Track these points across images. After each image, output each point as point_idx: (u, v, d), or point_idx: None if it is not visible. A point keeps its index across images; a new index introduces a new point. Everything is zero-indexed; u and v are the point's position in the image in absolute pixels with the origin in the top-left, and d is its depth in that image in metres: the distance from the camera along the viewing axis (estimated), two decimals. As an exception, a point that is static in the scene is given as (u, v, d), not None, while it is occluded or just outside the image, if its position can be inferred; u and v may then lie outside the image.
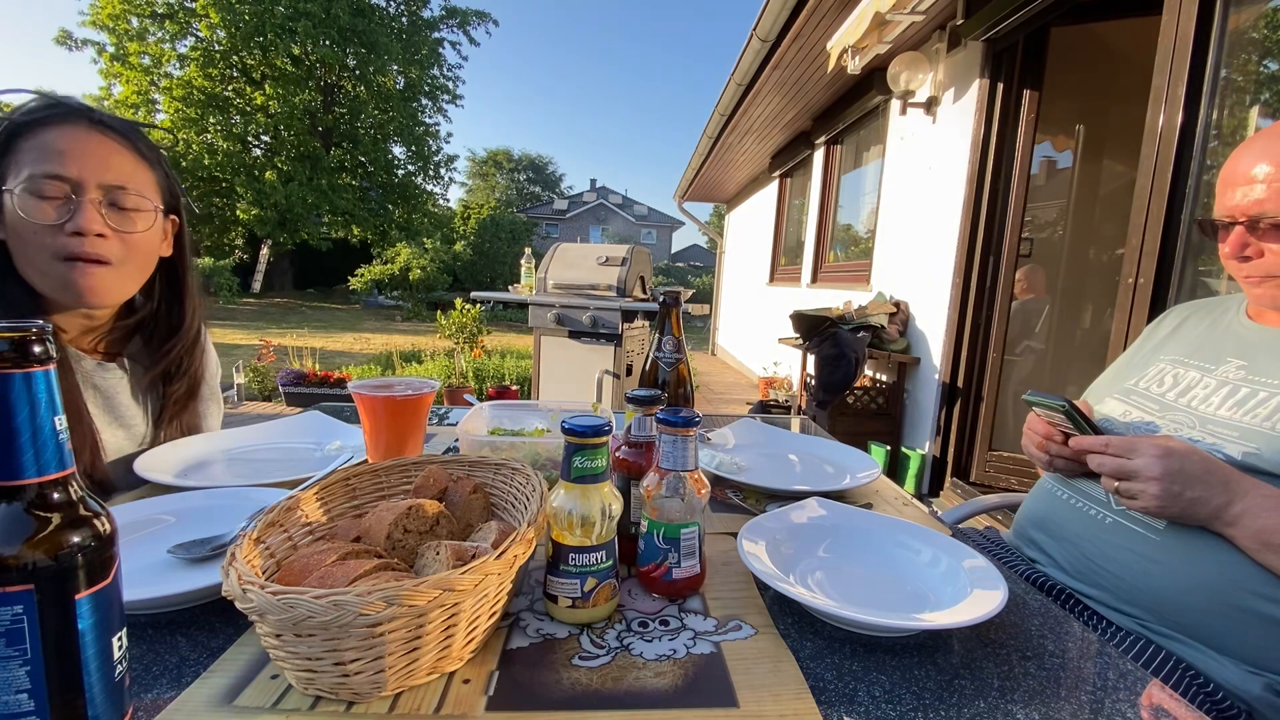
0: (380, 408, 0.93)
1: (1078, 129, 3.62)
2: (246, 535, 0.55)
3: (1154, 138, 2.00)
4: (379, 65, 17.28)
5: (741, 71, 4.53)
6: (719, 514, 0.92)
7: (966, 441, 3.23)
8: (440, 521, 0.66)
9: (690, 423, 0.66)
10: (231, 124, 16.26)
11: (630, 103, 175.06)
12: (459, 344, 5.66)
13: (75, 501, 0.40)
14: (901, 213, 3.90)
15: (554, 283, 3.51)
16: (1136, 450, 0.80)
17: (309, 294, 19.65)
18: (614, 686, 0.53)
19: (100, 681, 0.40)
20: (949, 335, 3.25)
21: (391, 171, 19.08)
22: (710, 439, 1.25)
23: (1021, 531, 1.08)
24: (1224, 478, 0.77)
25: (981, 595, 0.64)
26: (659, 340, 0.99)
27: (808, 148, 5.77)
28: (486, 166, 48.02)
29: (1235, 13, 1.87)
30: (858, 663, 0.57)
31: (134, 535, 0.75)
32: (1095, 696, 0.55)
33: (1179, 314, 1.09)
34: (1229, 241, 0.88)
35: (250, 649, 0.56)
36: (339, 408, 1.42)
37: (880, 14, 2.79)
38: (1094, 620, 0.88)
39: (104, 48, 15.33)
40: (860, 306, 3.81)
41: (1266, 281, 0.87)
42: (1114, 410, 1.01)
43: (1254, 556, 0.75)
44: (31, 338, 0.37)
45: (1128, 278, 2.09)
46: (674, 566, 0.67)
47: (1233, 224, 0.88)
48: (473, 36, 20.98)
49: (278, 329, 10.53)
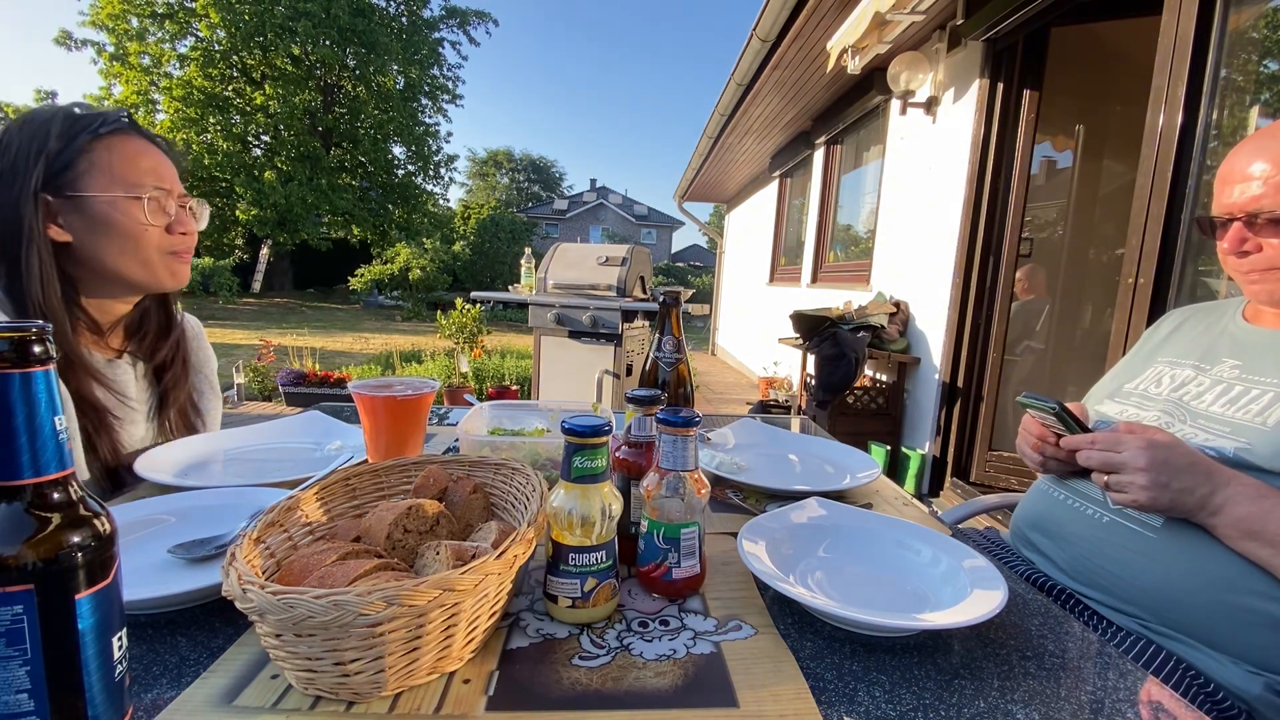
0: (380, 408, 0.93)
1: (1078, 129, 3.62)
2: (246, 535, 0.55)
3: (1154, 138, 2.00)
4: (379, 65, 17.27)
5: (741, 71, 4.53)
6: (719, 514, 0.92)
7: (966, 441, 3.23)
8: (440, 521, 0.66)
9: (690, 423, 0.66)
10: (231, 124, 16.25)
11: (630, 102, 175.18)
12: (459, 344, 5.66)
13: (75, 501, 0.40)
14: (901, 213, 3.90)
15: (554, 283, 3.51)
16: (1122, 444, 0.82)
17: (309, 294, 19.64)
18: (614, 686, 0.53)
19: (100, 681, 0.40)
20: (949, 335, 3.25)
21: (391, 171, 19.07)
22: (710, 439, 1.25)
23: (1019, 533, 1.08)
24: (1207, 469, 0.78)
25: (981, 595, 0.64)
26: (659, 340, 0.99)
27: (808, 148, 5.77)
28: (487, 166, 48.03)
29: (1235, 13, 1.87)
30: (858, 663, 0.57)
31: (134, 535, 0.75)
32: (1095, 696, 0.55)
33: (1177, 317, 1.09)
34: (1227, 238, 0.89)
35: (250, 649, 0.56)
36: (339, 408, 1.42)
37: (880, 14, 2.79)
38: (1094, 620, 0.88)
39: (104, 48, 15.33)
40: (860, 306, 3.81)
41: (1266, 277, 0.87)
42: (1111, 411, 1.01)
43: (1235, 546, 0.76)
44: (31, 338, 0.37)
45: (1128, 278, 2.09)
46: (674, 566, 0.67)
47: (1231, 220, 0.88)
48: (473, 36, 21.01)
49: (278, 329, 10.52)
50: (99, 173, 0.96)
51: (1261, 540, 0.73)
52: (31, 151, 0.92)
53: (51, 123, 0.94)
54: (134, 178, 0.98)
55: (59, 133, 0.94)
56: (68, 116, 0.96)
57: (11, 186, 0.92)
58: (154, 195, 1.00)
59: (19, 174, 0.92)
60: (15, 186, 0.91)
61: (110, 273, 1.00)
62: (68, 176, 0.94)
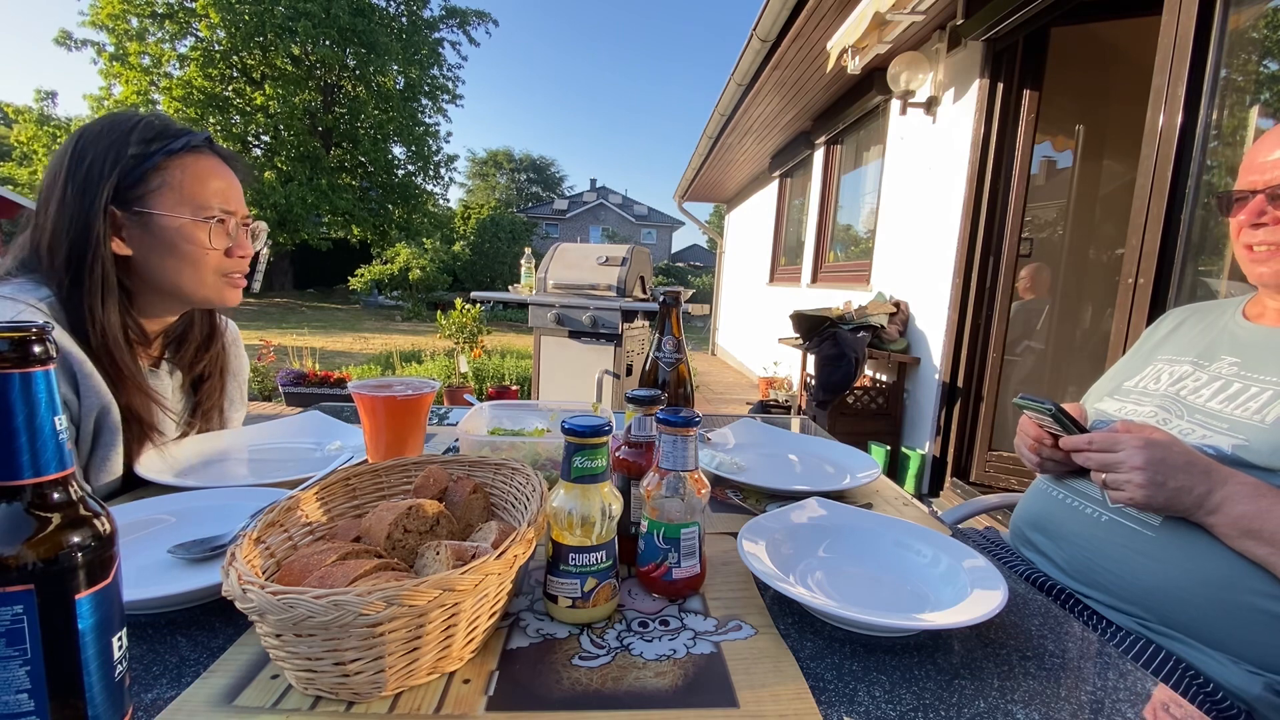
0: (380, 408, 0.93)
1: (1078, 129, 3.62)
2: (246, 535, 0.55)
3: (1154, 138, 2.00)
4: (379, 65, 17.27)
5: (741, 71, 4.53)
6: (719, 514, 0.92)
7: (966, 441, 3.23)
8: (440, 521, 0.66)
9: (690, 423, 0.66)
10: (231, 124, 16.26)
11: (630, 102, 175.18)
12: (459, 344, 5.66)
13: (75, 501, 0.40)
14: (901, 213, 3.90)
15: (554, 283, 3.51)
16: (1119, 443, 0.82)
17: (309, 294, 19.64)
18: (614, 686, 0.53)
19: (100, 681, 0.40)
20: (949, 335, 3.25)
21: (391, 171, 19.07)
22: (710, 439, 1.25)
23: (1018, 532, 1.08)
24: (1205, 467, 0.78)
25: (981, 595, 0.64)
26: (659, 340, 0.99)
27: (808, 148, 5.76)
28: (487, 167, 48.02)
29: (1235, 13, 1.87)
30: (858, 663, 0.57)
31: (134, 535, 0.75)
32: (1095, 696, 0.55)
33: (1176, 316, 1.10)
34: (1246, 210, 0.88)
35: (250, 649, 0.56)
36: (339, 408, 1.42)
37: (880, 14, 2.79)
38: (1094, 620, 0.88)
39: (104, 48, 15.35)
40: (860, 306, 3.81)
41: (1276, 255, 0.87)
42: (1110, 409, 1.02)
43: (1233, 545, 0.76)
44: (31, 338, 0.37)
45: (1128, 278, 2.09)
46: (674, 566, 0.67)
47: (1253, 193, 0.88)
48: (473, 36, 21.02)
49: (278, 329, 10.52)
50: (169, 191, 0.94)
51: (1260, 539, 0.73)
52: (108, 162, 0.91)
53: (130, 135, 0.92)
54: (203, 199, 0.97)
55: (137, 147, 0.92)
56: (147, 127, 0.94)
57: (84, 197, 0.90)
58: (220, 218, 0.99)
59: (92, 184, 0.90)
60: (88, 197, 0.90)
61: (165, 289, 0.99)
62: (138, 192, 0.93)
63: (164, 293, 1.00)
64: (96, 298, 0.91)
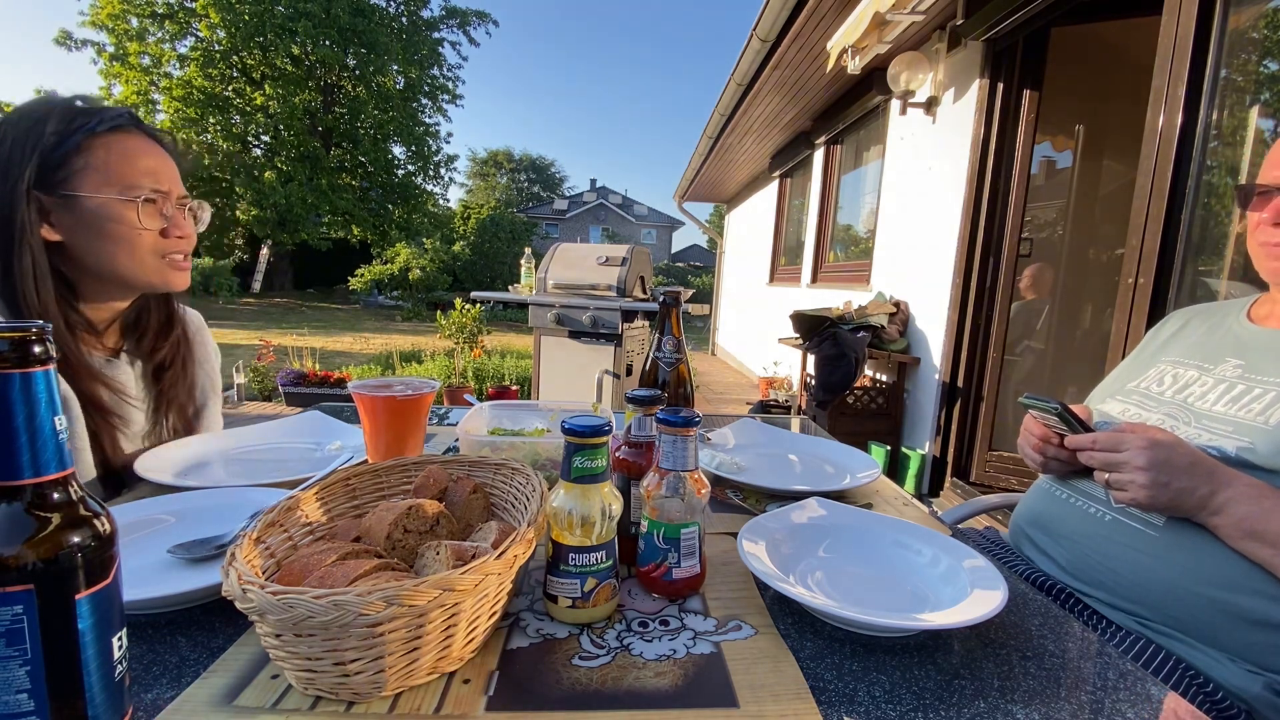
0: (380, 408, 0.93)
1: (1078, 129, 3.62)
2: (246, 535, 0.55)
3: (1154, 138, 2.00)
4: (379, 65, 17.27)
5: (741, 71, 4.53)
6: (719, 514, 0.92)
7: (966, 441, 3.23)
8: (440, 521, 0.66)
9: (690, 423, 0.66)
10: (231, 124, 16.26)
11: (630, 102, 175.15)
12: (459, 344, 5.66)
13: (75, 501, 0.40)
14: (901, 213, 3.90)
15: (554, 283, 3.51)
16: (1123, 443, 0.82)
17: (309, 294, 19.64)
18: (614, 686, 0.53)
19: (100, 681, 0.40)
20: (949, 335, 3.25)
21: (391, 171, 19.06)
22: (710, 439, 1.25)
23: (1019, 531, 1.08)
24: (1209, 469, 0.78)
25: (981, 595, 0.64)
26: (659, 340, 0.99)
27: (808, 148, 5.76)
28: (487, 167, 48.01)
29: (1235, 13, 1.87)
30: (858, 663, 0.57)
31: (134, 535, 0.75)
32: (1095, 696, 0.55)
33: (1181, 318, 1.09)
34: (1270, 207, 0.88)
35: (250, 649, 0.56)
36: (339, 408, 1.42)
37: (880, 14, 2.79)
38: (1094, 619, 0.88)
39: (104, 48, 15.33)
40: (860, 306, 3.81)
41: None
42: (1113, 410, 1.02)
43: (1236, 546, 0.76)
44: (31, 338, 0.37)
45: (1128, 278, 2.09)
46: (674, 566, 0.67)
47: (1277, 189, 0.87)
48: (473, 36, 21.00)
49: (278, 329, 10.52)
50: (93, 172, 0.92)
51: (1263, 540, 0.73)
52: (27, 145, 0.89)
53: (49, 117, 0.91)
54: (130, 179, 0.94)
55: (56, 128, 0.90)
56: (66, 110, 0.92)
57: (4, 182, 0.88)
58: (150, 197, 0.96)
59: (13, 169, 0.88)
60: (8, 183, 0.88)
61: (104, 274, 0.98)
62: (61, 174, 0.91)
63: (104, 278, 0.98)
64: (30, 284, 0.89)
